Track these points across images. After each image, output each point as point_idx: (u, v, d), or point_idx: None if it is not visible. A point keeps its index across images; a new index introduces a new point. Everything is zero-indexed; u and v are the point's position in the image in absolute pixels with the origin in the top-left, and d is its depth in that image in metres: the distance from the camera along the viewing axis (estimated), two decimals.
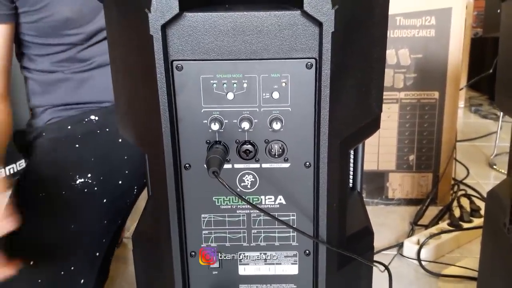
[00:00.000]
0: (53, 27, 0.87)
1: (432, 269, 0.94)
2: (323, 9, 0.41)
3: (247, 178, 0.49)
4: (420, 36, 1.20)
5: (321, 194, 0.47)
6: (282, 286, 0.52)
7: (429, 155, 1.25)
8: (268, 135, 0.47)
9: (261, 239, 0.51)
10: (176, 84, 0.45)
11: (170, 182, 0.48)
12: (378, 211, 1.24)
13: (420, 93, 1.23)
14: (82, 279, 0.78)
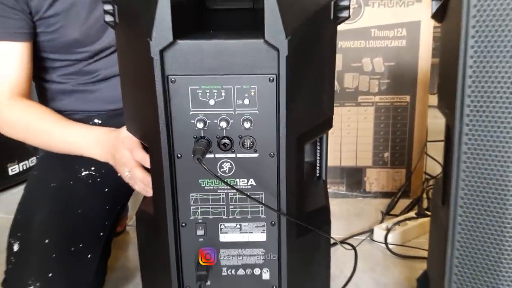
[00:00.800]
0: (62, 46, 0.94)
1: (398, 251, 1.06)
2: (279, 39, 0.54)
3: (225, 165, 0.61)
4: (393, 46, 1.28)
5: (282, 177, 0.60)
6: (254, 251, 0.64)
7: (402, 152, 1.35)
8: (241, 132, 0.59)
9: (236, 212, 0.63)
10: (170, 93, 0.57)
11: (166, 168, 0.60)
12: (356, 203, 1.36)
13: (393, 97, 1.32)
14: (89, 254, 0.87)
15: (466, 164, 0.56)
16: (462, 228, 0.59)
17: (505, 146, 0.53)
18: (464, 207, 0.58)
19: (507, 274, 0.57)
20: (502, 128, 0.53)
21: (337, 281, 0.95)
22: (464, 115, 0.55)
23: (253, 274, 0.65)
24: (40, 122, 0.90)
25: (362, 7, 1.26)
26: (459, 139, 0.56)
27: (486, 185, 0.56)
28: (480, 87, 0.53)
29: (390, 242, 1.08)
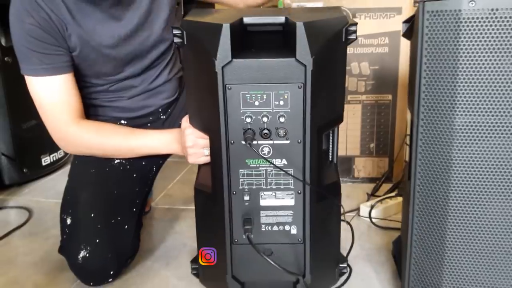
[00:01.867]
0: (90, 75, 1.06)
1: (380, 224, 1.26)
2: (306, 58, 0.74)
3: (265, 149, 0.81)
4: (377, 52, 1.45)
5: (306, 158, 0.80)
6: (285, 212, 0.84)
7: (385, 143, 1.54)
8: (277, 125, 0.79)
9: (273, 184, 0.83)
10: (227, 96, 0.77)
11: (223, 152, 0.80)
12: (346, 187, 1.54)
13: (377, 96, 1.50)
14: (126, 225, 1.05)
15: (421, 147, 0.78)
16: (419, 195, 0.80)
17: (448, 134, 0.75)
18: (420, 179, 0.79)
19: (451, 227, 0.79)
20: (446, 121, 0.74)
21: None
22: (420, 112, 0.76)
23: (284, 230, 0.85)
24: (113, 137, 1.03)
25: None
26: (416, 129, 0.78)
27: (435, 163, 0.77)
28: (431, 91, 0.74)
29: (373, 217, 1.29)
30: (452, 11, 0.70)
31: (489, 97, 0.71)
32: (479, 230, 0.78)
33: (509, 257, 0.78)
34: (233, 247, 0.86)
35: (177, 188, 1.63)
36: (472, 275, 0.80)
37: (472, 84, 0.71)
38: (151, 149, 1.04)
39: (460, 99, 0.72)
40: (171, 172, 1.73)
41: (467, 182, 0.76)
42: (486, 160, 0.74)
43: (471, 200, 0.76)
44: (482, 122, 0.73)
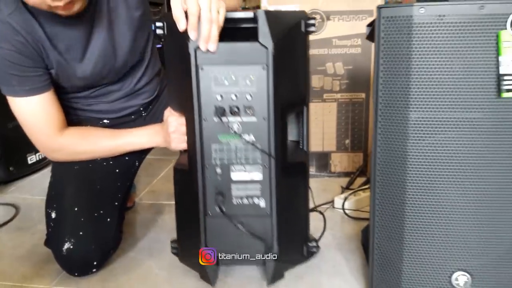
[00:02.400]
0: (69, 87, 1.10)
1: (352, 215, 1.33)
2: (267, 41, 0.84)
3: (234, 126, 0.88)
4: (351, 52, 1.52)
5: (271, 134, 0.88)
6: (254, 186, 0.91)
7: (360, 139, 1.61)
8: (245, 103, 0.87)
9: (242, 159, 0.90)
10: (200, 77, 0.85)
11: (197, 128, 0.88)
12: (323, 181, 1.62)
13: (351, 94, 1.57)
14: (109, 218, 1.10)
15: (380, 141, 0.85)
16: (379, 184, 0.88)
17: (403, 128, 0.82)
18: (380, 170, 0.87)
19: (409, 214, 0.86)
20: (401, 117, 0.81)
21: None
22: (378, 109, 0.84)
23: (254, 203, 0.92)
24: (99, 141, 1.09)
25: (325, 21, 1.52)
26: (375, 125, 0.85)
27: (393, 155, 0.84)
28: (388, 89, 0.82)
29: (346, 208, 1.36)
30: (405, 17, 0.77)
31: (439, 94, 0.79)
32: (434, 216, 0.85)
33: (462, 240, 0.85)
34: (207, 220, 0.93)
35: (160, 184, 1.69)
36: (430, 257, 0.87)
37: (424, 82, 0.79)
38: (136, 145, 1.10)
39: (413, 96, 0.80)
40: (154, 169, 1.79)
41: (422, 172, 0.83)
42: (438, 152, 0.81)
43: (426, 188, 0.84)
44: (433, 117, 0.80)
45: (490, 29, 0.75)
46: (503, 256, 0.85)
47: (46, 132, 1.04)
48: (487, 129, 0.79)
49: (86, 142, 1.09)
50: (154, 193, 1.62)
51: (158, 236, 1.28)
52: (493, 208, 0.82)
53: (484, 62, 0.76)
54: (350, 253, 1.15)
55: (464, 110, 0.79)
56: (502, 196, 0.81)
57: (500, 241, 0.84)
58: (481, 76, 0.77)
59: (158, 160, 1.43)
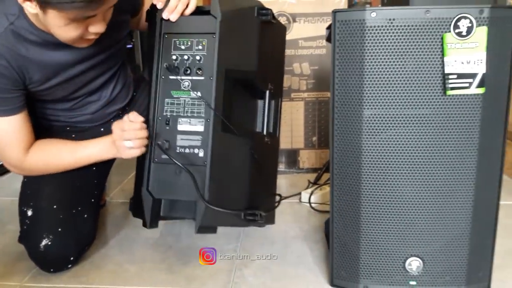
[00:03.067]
0: (51, 101, 1.12)
1: (318, 208, 1.38)
2: (217, 12, 0.96)
3: (186, 83, 0.99)
4: (316, 53, 1.59)
5: (213, 90, 0.97)
6: (195, 137, 0.99)
7: (326, 137, 1.67)
8: (196, 64, 0.99)
9: (188, 112, 0.99)
10: (164, 43, 1.00)
11: (154, 83, 1.00)
12: (292, 177, 1.68)
13: (318, 93, 1.63)
14: (85, 214, 1.14)
15: (336, 137, 0.90)
16: (337, 177, 0.93)
17: (357, 125, 0.88)
18: (337, 164, 0.92)
19: (364, 205, 0.92)
20: (355, 113, 0.87)
21: (271, 228, 1.29)
22: (335, 107, 0.89)
23: (194, 152, 0.99)
24: (60, 157, 1.07)
25: (291, 23, 1.58)
26: (332, 122, 0.91)
27: (348, 150, 0.90)
28: (343, 88, 0.87)
29: (313, 202, 1.42)
30: (358, 20, 0.83)
31: (390, 93, 0.85)
32: (387, 206, 0.91)
33: (413, 227, 0.91)
34: (152, 165, 1.01)
35: (131, 183, 1.68)
36: (385, 245, 0.93)
37: (376, 82, 0.85)
38: (96, 158, 1.09)
39: (366, 95, 0.86)
40: (126, 168, 1.81)
41: (375, 165, 0.89)
42: (390, 146, 0.87)
43: (379, 181, 0.90)
44: (385, 114, 0.86)
45: (436, 32, 0.81)
46: (451, 242, 0.92)
47: (16, 151, 1.04)
48: (434, 124, 0.85)
49: (50, 160, 1.08)
50: (125, 192, 1.64)
51: (128, 234, 1.31)
52: (441, 198, 0.89)
53: (431, 63, 0.83)
54: (314, 243, 1.21)
55: (414, 107, 0.85)
56: (449, 186, 0.88)
57: (448, 228, 0.91)
58: (428, 76, 0.83)
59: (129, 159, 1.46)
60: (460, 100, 0.84)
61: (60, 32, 0.91)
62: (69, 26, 0.89)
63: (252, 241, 1.22)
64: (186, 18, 0.99)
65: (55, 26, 0.89)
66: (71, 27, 0.89)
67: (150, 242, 1.25)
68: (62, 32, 0.91)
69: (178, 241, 1.24)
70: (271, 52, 1.17)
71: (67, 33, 0.91)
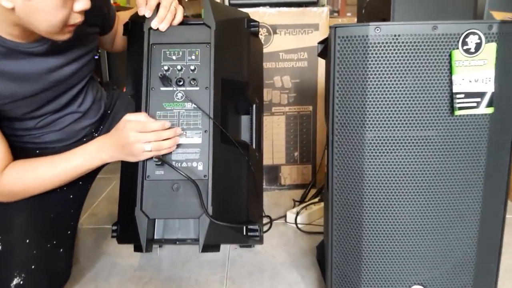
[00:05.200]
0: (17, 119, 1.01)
1: (305, 229, 1.32)
2: (210, 21, 0.97)
3: (179, 95, 0.97)
4: (297, 66, 1.52)
5: (211, 100, 0.96)
6: (193, 150, 0.96)
7: (308, 151, 1.62)
8: (190, 75, 0.97)
9: (184, 124, 0.96)
10: (152, 53, 0.97)
11: (144, 96, 0.96)
12: (274, 195, 1.61)
13: (299, 107, 1.57)
14: (61, 249, 1.03)
15: (336, 160, 0.84)
16: (337, 203, 0.87)
17: (359, 147, 0.82)
18: (337, 189, 0.86)
19: (366, 232, 0.86)
20: (357, 135, 0.81)
21: (258, 254, 1.21)
22: (334, 128, 0.83)
23: (192, 166, 0.95)
24: (41, 171, 0.96)
25: (272, 35, 1.52)
26: (332, 144, 0.84)
27: (349, 174, 0.84)
28: (344, 108, 0.81)
29: (299, 222, 1.36)
30: (361, 37, 0.77)
31: (394, 113, 0.79)
32: (390, 233, 0.85)
33: (417, 254, 0.86)
34: (145, 183, 0.95)
35: (102, 206, 1.59)
36: (387, 273, 0.87)
37: (379, 101, 0.79)
38: (83, 167, 0.98)
39: (369, 115, 0.80)
40: (96, 190, 1.68)
41: (378, 190, 0.83)
42: (394, 170, 0.82)
43: (382, 207, 0.84)
44: (389, 136, 0.80)
45: (443, 48, 0.76)
46: (456, 267, 0.87)
47: None
48: (440, 147, 0.80)
49: (27, 177, 0.96)
50: (96, 216, 1.52)
51: (104, 265, 1.20)
52: (446, 222, 0.84)
53: (437, 81, 0.78)
54: (305, 269, 1.14)
55: (419, 128, 0.80)
56: (454, 210, 0.83)
57: (453, 253, 0.86)
58: (435, 95, 0.78)
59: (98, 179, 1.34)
60: (467, 121, 0.79)
61: (47, 18, 0.81)
62: (57, 7, 0.81)
63: (239, 270, 1.14)
64: (175, 27, 0.98)
65: (43, 11, 0.80)
66: (58, 6, 0.81)
67: (128, 275, 1.14)
68: (51, 16, 0.81)
69: (158, 272, 1.14)
70: (254, 65, 1.12)
71: (55, 16, 0.82)
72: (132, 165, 0.97)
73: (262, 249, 1.22)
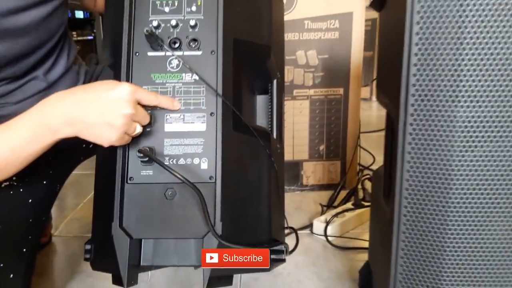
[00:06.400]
0: None
1: (338, 243, 1.05)
2: None
3: (173, 62, 0.69)
4: (326, 38, 1.26)
5: (219, 69, 0.68)
6: (194, 140, 0.68)
7: (337, 145, 1.35)
8: (189, 34, 0.70)
9: (181, 103, 0.69)
10: (136, 4, 0.70)
11: (124, 64, 0.69)
12: (294, 197, 1.34)
13: (327, 90, 1.30)
14: (11, 274, 0.77)
15: (410, 154, 0.55)
16: (407, 220, 0.58)
17: (448, 135, 0.53)
18: (408, 198, 0.57)
19: (450, 262, 0.58)
20: (446, 117, 0.52)
21: (279, 277, 0.93)
22: (409, 105, 0.54)
23: (193, 163, 0.67)
24: None
25: None
26: (404, 129, 0.55)
27: (431, 175, 0.55)
28: (425, 76, 0.52)
29: (329, 234, 1.07)
30: None
31: (504, 85, 0.50)
32: (480, 260, 0.57)
33: None
34: (127, 187, 0.67)
35: (89, 208, 1.32)
36: None
37: (480, 64, 0.50)
38: (27, 148, 0.65)
39: (463, 88, 0.51)
40: (81, 188, 1.41)
41: (469, 198, 0.55)
42: (494, 167, 0.53)
43: (474, 222, 0.55)
44: (490, 117, 0.51)
45: None
46: None
47: None
48: None
49: None
50: (79, 221, 1.25)
51: (87, 285, 0.94)
52: None
53: None
54: None
55: None
56: None
57: None
58: None
59: (87, 175, 1.07)
60: None
61: None
62: None
63: None
64: None
65: None
66: None
67: None
68: None
69: None
70: (276, 25, 0.84)
71: None
72: (110, 160, 0.69)
73: (283, 270, 0.94)
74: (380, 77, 0.70)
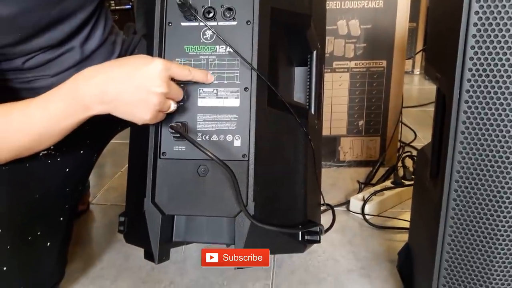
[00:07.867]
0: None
1: (375, 222, 1.01)
2: None
3: (207, 33, 0.67)
4: (370, 7, 1.19)
5: (254, 41, 0.65)
6: (228, 116, 0.66)
7: (377, 120, 1.29)
8: (224, 3, 0.66)
9: (214, 78, 0.66)
10: None
11: (157, 35, 0.67)
12: (330, 173, 1.30)
13: (369, 62, 1.24)
14: (48, 242, 0.78)
15: (464, 134, 0.51)
16: (457, 204, 0.54)
17: (508, 115, 0.48)
18: (460, 181, 0.53)
19: (502, 250, 0.54)
20: (507, 95, 0.47)
21: (314, 255, 0.91)
22: (465, 80, 0.49)
23: (226, 140, 0.66)
24: (10, 118, 0.65)
25: None
26: (458, 107, 0.51)
27: (486, 158, 0.51)
28: (485, 48, 0.47)
29: (367, 212, 1.04)
30: None
31: None
32: None
33: None
34: (159, 162, 0.67)
35: (125, 178, 1.32)
36: None
37: None
38: (60, 118, 0.64)
39: None
40: (119, 157, 1.43)
41: None
42: None
43: None
44: None
45: None
46: None
47: None
48: None
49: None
50: (116, 190, 1.27)
51: (116, 258, 0.95)
52: None
53: None
54: (382, 282, 0.83)
55: None
56: None
57: None
58: None
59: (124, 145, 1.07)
60: None
61: None
62: None
63: (289, 277, 0.85)
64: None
65: None
66: None
67: (143, 276, 0.88)
68: None
69: (182, 275, 0.87)
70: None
71: None
72: (143, 135, 0.68)
73: (319, 249, 0.92)
74: (431, 49, 0.65)
